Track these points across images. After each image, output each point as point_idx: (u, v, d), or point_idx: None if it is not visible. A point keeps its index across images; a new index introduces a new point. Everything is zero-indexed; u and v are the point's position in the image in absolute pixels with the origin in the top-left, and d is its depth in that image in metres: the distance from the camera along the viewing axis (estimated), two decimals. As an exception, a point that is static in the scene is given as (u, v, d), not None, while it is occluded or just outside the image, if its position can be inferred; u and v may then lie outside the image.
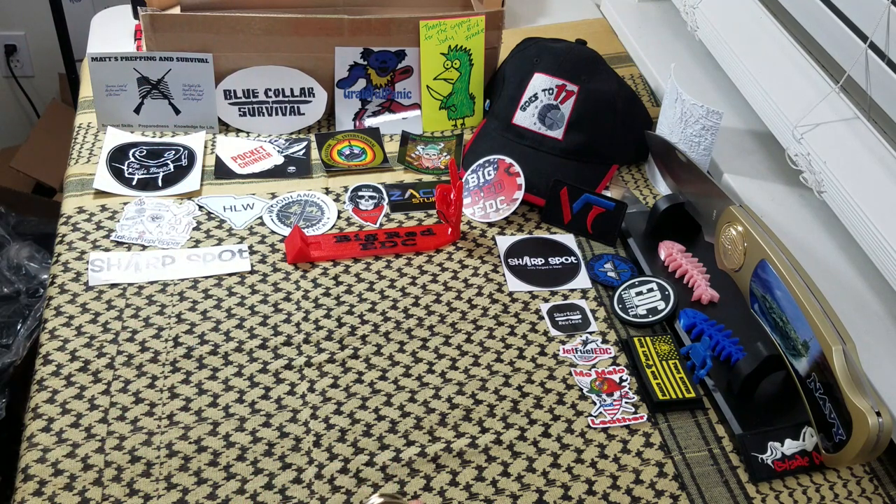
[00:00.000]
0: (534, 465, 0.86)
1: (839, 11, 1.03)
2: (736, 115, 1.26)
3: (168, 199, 1.12)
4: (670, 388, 0.93)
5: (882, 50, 0.96)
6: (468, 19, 1.25)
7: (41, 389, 0.89)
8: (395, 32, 1.23)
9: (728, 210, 0.98)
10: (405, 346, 0.97)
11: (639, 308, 1.03)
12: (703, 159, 1.13)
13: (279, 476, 0.83)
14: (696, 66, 1.36)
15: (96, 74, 1.20)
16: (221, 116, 1.24)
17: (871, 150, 1.01)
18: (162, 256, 1.04)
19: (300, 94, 1.25)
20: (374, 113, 1.28)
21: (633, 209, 1.15)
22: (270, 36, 1.21)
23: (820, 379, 0.85)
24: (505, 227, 1.14)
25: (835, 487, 0.87)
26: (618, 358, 0.98)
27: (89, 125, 1.25)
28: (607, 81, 1.21)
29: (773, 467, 0.87)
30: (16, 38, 2.22)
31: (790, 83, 1.11)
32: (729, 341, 0.97)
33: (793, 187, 1.14)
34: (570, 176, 1.14)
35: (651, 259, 1.09)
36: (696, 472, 0.87)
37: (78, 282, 1.00)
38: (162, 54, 1.19)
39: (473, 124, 1.30)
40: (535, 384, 0.94)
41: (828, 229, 1.09)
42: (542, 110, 1.19)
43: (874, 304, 1.00)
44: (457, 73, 1.27)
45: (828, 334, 0.83)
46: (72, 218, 1.09)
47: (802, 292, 0.86)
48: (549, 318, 1.01)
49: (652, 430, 0.90)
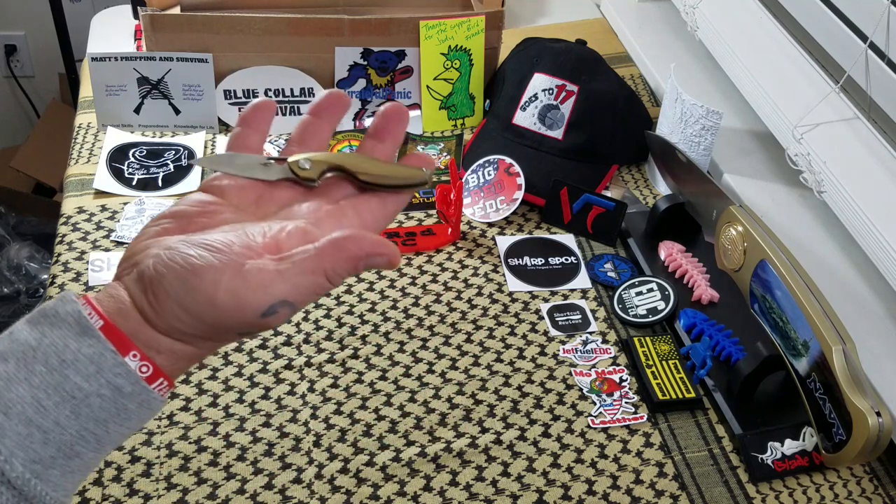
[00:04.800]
0: (534, 465, 0.86)
1: (839, 11, 1.03)
2: (736, 115, 1.26)
3: (168, 200, 1.12)
4: (670, 388, 0.93)
5: (882, 50, 0.96)
6: (468, 19, 1.25)
7: (41, 389, 0.89)
8: (395, 32, 1.23)
9: (728, 210, 0.98)
10: (405, 346, 0.97)
11: (639, 308, 1.03)
12: (703, 159, 1.13)
13: (279, 476, 0.83)
14: (696, 66, 1.36)
15: (96, 74, 1.20)
16: (221, 116, 1.24)
17: (871, 150, 1.01)
18: (162, 256, 1.04)
19: (300, 94, 1.25)
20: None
21: (633, 209, 1.15)
22: (270, 36, 1.21)
23: (820, 379, 0.84)
24: (505, 227, 1.14)
25: (835, 487, 0.87)
26: (618, 358, 0.98)
27: (89, 125, 1.25)
28: (607, 81, 1.21)
29: (773, 467, 0.87)
30: (16, 38, 2.22)
31: (790, 83, 1.11)
32: (729, 341, 0.97)
33: (793, 187, 1.14)
34: (570, 176, 1.14)
35: (651, 259, 1.09)
36: (696, 472, 0.87)
37: (78, 282, 1.00)
38: (162, 54, 1.19)
39: (473, 124, 1.30)
40: (535, 384, 0.94)
41: (828, 229, 1.09)
42: (542, 110, 1.19)
43: (874, 304, 1.00)
44: (457, 73, 1.27)
45: (828, 334, 0.83)
46: (72, 218, 1.09)
47: (802, 292, 0.86)
48: (549, 318, 1.01)
49: (652, 430, 0.90)
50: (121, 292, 0.44)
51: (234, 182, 0.50)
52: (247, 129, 0.53)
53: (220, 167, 0.50)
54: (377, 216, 0.50)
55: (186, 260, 0.43)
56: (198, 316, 0.43)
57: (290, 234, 0.46)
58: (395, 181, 0.50)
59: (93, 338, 0.42)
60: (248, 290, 0.43)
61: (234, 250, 0.44)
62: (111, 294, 0.45)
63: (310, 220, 0.47)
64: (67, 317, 0.42)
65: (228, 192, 0.49)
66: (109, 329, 0.43)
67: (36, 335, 0.42)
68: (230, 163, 0.50)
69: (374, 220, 0.49)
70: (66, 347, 0.42)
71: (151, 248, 0.45)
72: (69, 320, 0.42)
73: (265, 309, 0.43)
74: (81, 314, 0.42)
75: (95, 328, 0.42)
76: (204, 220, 0.47)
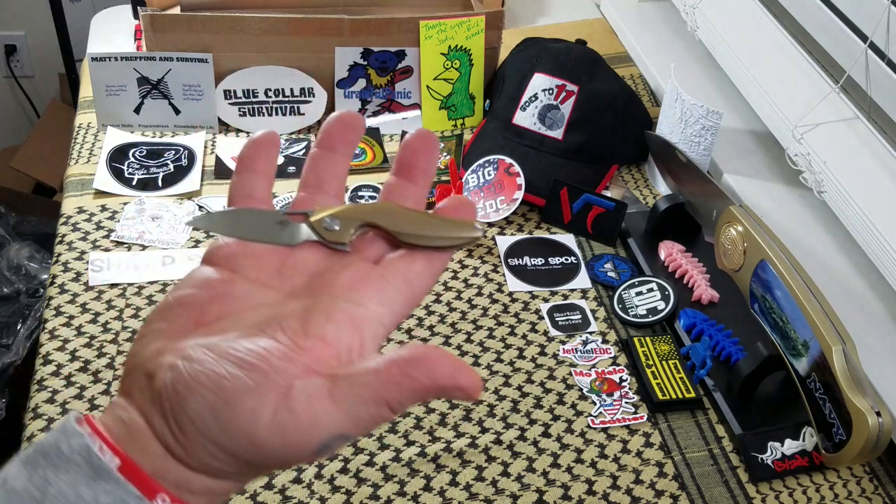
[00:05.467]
0: (534, 465, 0.86)
1: (839, 11, 1.03)
2: (736, 115, 1.26)
3: (168, 200, 1.12)
4: (670, 388, 0.93)
5: (882, 50, 0.96)
6: (468, 19, 1.25)
7: (41, 389, 0.89)
8: (395, 32, 1.23)
9: (728, 210, 0.98)
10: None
11: (639, 308, 1.03)
12: (702, 159, 1.13)
13: (279, 476, 0.83)
14: (696, 66, 1.36)
15: (96, 74, 1.20)
16: (221, 116, 1.24)
17: (871, 150, 1.01)
18: (162, 256, 1.04)
19: (300, 94, 1.25)
20: (374, 113, 1.28)
21: (632, 209, 1.15)
22: (270, 36, 1.21)
23: (820, 379, 0.84)
24: (505, 227, 1.14)
25: (835, 487, 0.87)
26: (618, 358, 0.98)
27: (89, 125, 1.24)
28: (607, 81, 1.21)
29: (773, 467, 0.87)
30: (16, 38, 2.22)
31: (790, 83, 1.11)
32: (729, 341, 0.97)
33: (793, 187, 1.14)
34: (570, 176, 1.14)
35: (651, 259, 1.09)
36: (696, 472, 0.87)
37: (78, 282, 1.00)
38: (162, 54, 1.19)
39: (473, 124, 1.29)
40: (535, 384, 0.94)
41: (828, 229, 1.09)
42: (542, 110, 1.19)
43: (874, 303, 1.00)
44: (457, 73, 1.27)
45: (828, 334, 0.83)
46: (72, 218, 1.09)
47: (802, 292, 0.86)
48: (549, 318, 1.01)
49: (652, 430, 0.90)
50: (134, 416, 0.36)
51: (245, 249, 0.41)
52: (249, 175, 0.43)
53: (226, 230, 0.41)
54: (424, 280, 0.41)
55: (215, 382, 0.34)
56: (234, 454, 0.35)
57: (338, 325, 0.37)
58: (443, 241, 0.41)
59: (110, 481, 0.33)
60: (296, 427, 0.34)
61: (273, 364, 0.35)
62: (122, 418, 0.36)
63: (352, 298, 0.38)
64: (74, 455, 0.34)
65: (242, 263, 0.40)
66: (129, 468, 0.34)
67: (38, 482, 0.33)
68: (237, 223, 0.41)
69: (423, 286, 0.41)
70: (79, 497, 0.33)
71: (165, 354, 0.36)
72: (77, 460, 0.34)
73: (317, 448, 0.35)
74: (92, 451, 0.34)
75: (112, 469, 0.34)
76: (220, 308, 0.39)
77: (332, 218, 0.41)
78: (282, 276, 0.40)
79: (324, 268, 0.41)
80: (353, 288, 0.39)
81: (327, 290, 0.39)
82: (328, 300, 0.38)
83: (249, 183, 0.43)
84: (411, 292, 0.40)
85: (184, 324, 0.38)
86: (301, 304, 0.38)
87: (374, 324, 0.38)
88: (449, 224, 0.42)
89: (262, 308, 0.38)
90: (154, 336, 0.38)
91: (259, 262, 0.40)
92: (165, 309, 0.39)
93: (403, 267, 0.40)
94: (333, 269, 0.40)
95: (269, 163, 0.44)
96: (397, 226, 0.41)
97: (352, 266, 0.40)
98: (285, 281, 0.40)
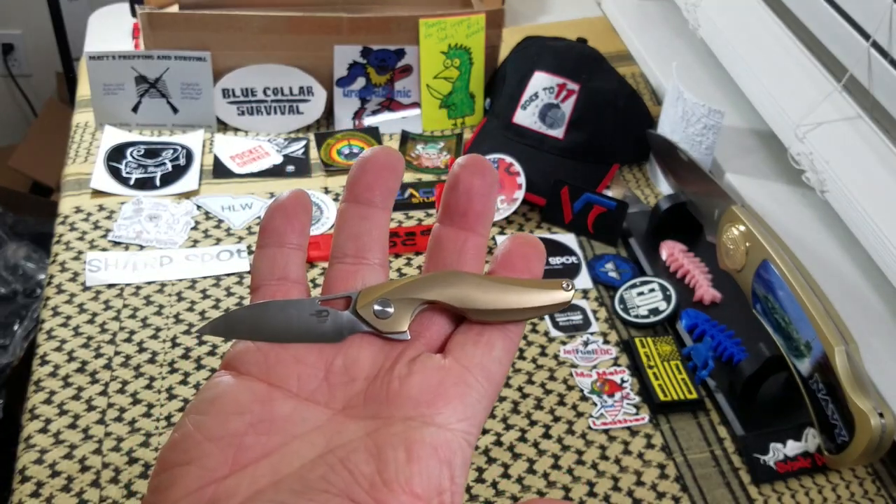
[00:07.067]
0: (534, 467, 0.86)
1: (842, 10, 1.03)
2: (738, 114, 1.26)
3: (166, 199, 1.12)
4: (672, 389, 0.93)
5: (885, 49, 0.96)
6: (468, 17, 1.24)
7: (38, 390, 0.88)
8: (395, 31, 1.23)
9: (730, 210, 0.97)
10: (405, 346, 0.97)
11: (640, 308, 1.02)
12: (704, 158, 1.12)
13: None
14: (698, 64, 1.36)
15: (94, 73, 1.19)
16: (220, 115, 1.24)
17: (873, 150, 1.00)
18: (160, 256, 1.04)
19: (299, 92, 1.24)
20: (373, 112, 1.27)
21: (634, 209, 1.14)
22: (269, 34, 1.20)
23: (822, 380, 0.84)
24: (505, 227, 1.13)
25: (837, 489, 0.87)
26: (619, 359, 0.97)
27: (87, 124, 1.24)
28: (608, 80, 1.21)
29: (776, 469, 0.86)
30: (13, 37, 2.21)
31: (792, 82, 1.11)
32: (731, 342, 0.96)
33: (795, 187, 1.14)
34: (571, 175, 1.14)
35: (652, 259, 1.09)
36: (698, 474, 0.86)
37: (75, 282, 1.00)
38: (160, 53, 1.19)
39: (473, 123, 1.29)
40: (536, 385, 0.93)
41: (830, 229, 1.08)
42: (542, 109, 1.18)
43: (877, 304, 0.99)
44: (457, 72, 1.26)
45: (830, 335, 0.82)
46: (69, 218, 1.08)
47: (805, 292, 0.85)
48: (550, 319, 1.01)
49: (653, 431, 0.90)
50: None
51: (281, 351, 0.32)
52: (278, 252, 0.34)
53: (253, 334, 0.32)
54: (505, 365, 0.33)
55: None
56: None
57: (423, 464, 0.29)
58: (529, 315, 0.33)
59: None
60: None
61: None
62: None
63: (431, 417, 0.30)
64: None
65: (279, 372, 0.31)
66: None
67: None
68: (263, 323, 0.32)
69: (503, 375, 0.32)
70: None
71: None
72: None
73: None
74: None
75: None
76: (261, 442, 0.30)
77: (383, 300, 0.32)
78: (330, 384, 0.32)
79: (381, 367, 0.32)
80: (429, 403, 0.30)
81: (395, 407, 0.30)
82: (401, 426, 0.30)
83: (281, 261, 0.34)
84: (494, 389, 0.32)
85: (216, 466, 0.29)
86: (362, 427, 0.30)
87: (463, 447, 0.30)
88: (531, 289, 0.33)
89: (314, 435, 0.30)
90: (181, 475, 0.29)
91: (301, 368, 0.32)
92: (188, 441, 0.30)
93: (481, 357, 0.32)
94: (394, 370, 0.32)
95: (301, 233, 0.35)
96: (468, 301, 0.33)
97: (418, 364, 0.32)
98: (335, 391, 0.31)
